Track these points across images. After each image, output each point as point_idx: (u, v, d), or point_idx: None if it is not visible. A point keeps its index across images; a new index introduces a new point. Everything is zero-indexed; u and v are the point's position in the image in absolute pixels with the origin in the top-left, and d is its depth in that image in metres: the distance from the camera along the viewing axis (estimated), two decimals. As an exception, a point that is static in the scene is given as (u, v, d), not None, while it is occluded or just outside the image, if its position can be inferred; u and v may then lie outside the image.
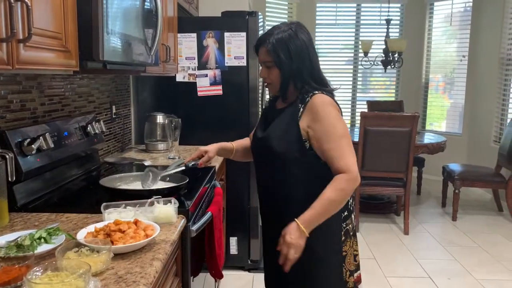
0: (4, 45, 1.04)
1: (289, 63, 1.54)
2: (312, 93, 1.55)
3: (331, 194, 1.47)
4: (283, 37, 1.54)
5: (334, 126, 1.51)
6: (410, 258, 3.53)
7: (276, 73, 1.56)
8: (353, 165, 1.49)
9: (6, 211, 1.42)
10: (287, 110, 1.60)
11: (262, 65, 1.60)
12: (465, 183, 4.40)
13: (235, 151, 1.86)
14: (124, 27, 1.64)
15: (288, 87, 1.59)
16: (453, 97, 6.08)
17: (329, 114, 1.52)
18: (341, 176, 1.48)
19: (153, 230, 1.29)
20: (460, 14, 5.89)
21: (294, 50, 1.54)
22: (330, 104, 1.54)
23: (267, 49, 1.54)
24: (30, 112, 1.81)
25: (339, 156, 1.49)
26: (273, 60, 1.54)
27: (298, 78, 1.56)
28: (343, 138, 1.51)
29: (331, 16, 6.28)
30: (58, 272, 1.00)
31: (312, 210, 1.47)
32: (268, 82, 1.62)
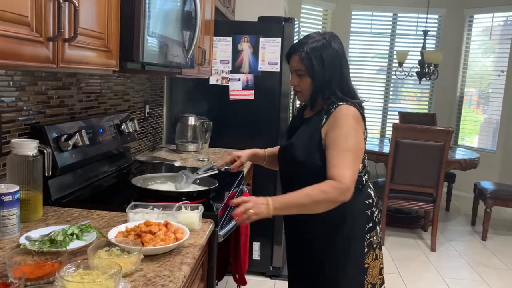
0: (50, 44, 1.06)
1: (321, 72, 1.53)
2: (337, 104, 1.54)
3: (311, 191, 1.43)
4: (317, 46, 1.54)
5: (346, 137, 1.48)
6: (436, 276, 3.44)
7: (307, 82, 1.56)
8: (347, 178, 1.43)
9: (41, 204, 1.45)
10: (312, 120, 1.61)
11: (294, 73, 1.59)
12: (498, 202, 4.26)
13: (267, 158, 1.86)
14: (164, 29, 1.66)
15: (318, 96, 1.59)
16: (487, 112, 5.91)
17: (347, 125, 1.50)
18: (331, 182, 1.44)
19: (182, 234, 1.29)
20: (500, 27, 5.73)
21: (327, 60, 1.54)
22: (353, 116, 1.51)
23: (300, 57, 1.54)
24: (68, 108, 1.84)
25: (336, 165, 1.45)
26: (306, 68, 1.54)
27: (327, 88, 1.56)
28: (350, 152, 1.47)
29: (367, 24, 6.21)
30: (90, 271, 1.01)
31: (287, 196, 1.46)
32: (298, 91, 1.62)
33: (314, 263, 1.64)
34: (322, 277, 1.58)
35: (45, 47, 1.04)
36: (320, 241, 1.62)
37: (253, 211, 1.39)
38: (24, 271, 0.98)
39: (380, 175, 4.98)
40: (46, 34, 1.03)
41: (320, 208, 1.45)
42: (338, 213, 1.52)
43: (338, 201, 1.44)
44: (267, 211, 1.41)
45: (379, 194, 3.96)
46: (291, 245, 1.76)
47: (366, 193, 1.64)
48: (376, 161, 4.25)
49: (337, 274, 1.59)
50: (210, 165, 2.20)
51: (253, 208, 1.39)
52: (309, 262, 1.66)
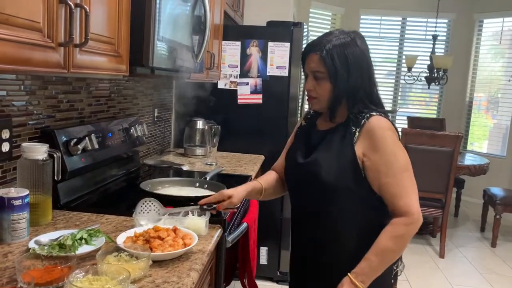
0: (61, 49, 1.06)
1: (346, 77, 1.30)
2: (369, 115, 1.33)
3: (388, 242, 1.26)
4: (341, 44, 1.30)
5: (395, 157, 1.29)
6: (445, 283, 3.40)
7: (326, 86, 1.32)
8: (415, 206, 1.27)
9: (50, 208, 1.46)
10: (336, 133, 1.37)
11: (310, 74, 1.35)
12: (507, 209, 4.21)
13: (264, 191, 1.54)
14: (173, 34, 1.66)
15: (339, 105, 1.35)
16: (496, 117, 5.86)
17: (390, 141, 1.30)
18: (400, 220, 1.27)
19: (191, 239, 1.29)
20: (510, 32, 5.69)
21: (353, 62, 1.30)
22: (390, 129, 1.32)
23: (321, 57, 1.30)
24: (78, 112, 1.85)
25: (400, 194, 1.27)
26: (327, 70, 1.30)
27: (352, 96, 1.33)
28: (406, 172, 1.29)
29: (375, 28, 6.19)
30: (98, 276, 1.01)
31: (366, 261, 1.27)
32: (314, 96, 1.36)
33: None
34: None
35: (56, 53, 1.04)
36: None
37: None
38: (34, 276, 0.98)
39: (388, 180, 4.94)
40: (58, 40, 1.04)
41: (402, 252, 1.35)
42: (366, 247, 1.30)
43: (413, 235, 1.30)
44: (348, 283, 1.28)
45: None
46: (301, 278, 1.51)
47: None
48: (384, 166, 4.22)
49: None
50: (218, 169, 2.20)
51: None
52: None
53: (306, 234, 1.46)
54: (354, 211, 1.34)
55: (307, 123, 1.53)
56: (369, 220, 1.34)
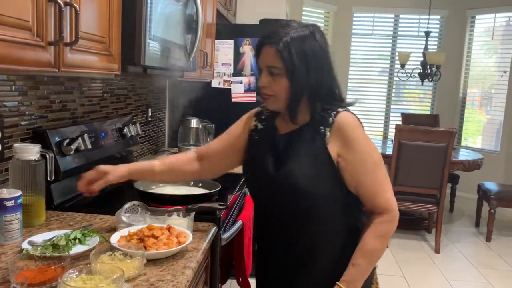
0: (52, 48, 1.06)
1: (304, 73, 1.20)
2: (336, 112, 1.25)
3: (374, 242, 1.24)
4: (299, 38, 1.19)
5: (370, 154, 1.25)
6: (440, 278, 3.42)
7: (283, 83, 1.21)
8: (393, 201, 1.26)
9: (43, 209, 1.45)
10: (303, 135, 1.27)
11: (265, 70, 1.23)
12: (502, 203, 4.24)
13: (161, 173, 1.43)
14: (165, 33, 1.66)
15: (299, 104, 1.24)
16: (490, 113, 5.89)
17: (362, 139, 1.25)
18: (382, 218, 1.24)
19: (185, 238, 1.29)
20: (502, 28, 5.71)
21: (312, 57, 1.20)
22: (359, 126, 1.27)
23: (277, 50, 1.18)
24: (70, 112, 1.84)
25: (378, 192, 1.25)
26: (284, 66, 1.19)
27: (313, 93, 1.23)
28: (379, 167, 1.26)
29: (368, 26, 6.20)
30: (92, 276, 1.01)
31: (355, 267, 1.24)
32: (269, 95, 1.24)
33: None
34: None
35: (46, 52, 1.04)
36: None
37: None
38: (27, 276, 0.98)
39: (383, 177, 4.96)
40: (47, 39, 1.03)
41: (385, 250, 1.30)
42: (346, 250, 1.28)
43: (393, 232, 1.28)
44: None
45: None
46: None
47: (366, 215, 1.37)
48: (379, 163, 4.23)
49: None
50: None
51: None
52: None
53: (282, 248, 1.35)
54: (335, 216, 1.29)
55: (265, 125, 1.38)
56: (348, 222, 1.31)
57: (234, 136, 1.44)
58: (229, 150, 1.44)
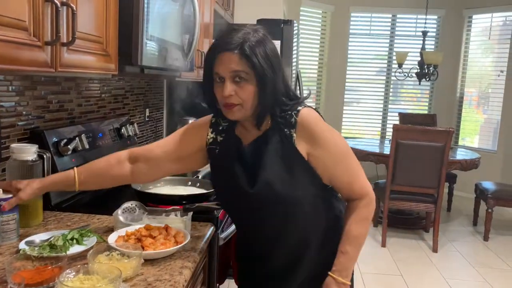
0: (48, 48, 1.06)
1: (272, 76, 1.16)
2: (296, 111, 1.22)
3: (358, 228, 1.28)
4: (260, 41, 1.16)
5: (336, 145, 1.25)
6: (438, 277, 3.43)
7: (250, 90, 1.15)
8: (368, 186, 1.29)
9: (41, 209, 1.45)
10: (269, 142, 1.23)
11: (228, 78, 1.15)
12: (499, 203, 4.25)
13: (82, 182, 1.33)
14: (162, 33, 1.66)
15: (268, 110, 1.21)
16: (487, 112, 5.91)
17: (327, 132, 1.24)
18: (360, 203, 1.28)
19: (183, 237, 1.29)
20: (499, 27, 5.73)
21: (274, 58, 1.17)
22: (319, 119, 1.25)
23: (242, 55, 1.13)
24: (67, 112, 1.84)
25: (353, 179, 1.27)
26: (252, 71, 1.14)
27: (278, 96, 1.21)
28: (348, 155, 1.27)
29: (366, 25, 6.21)
30: (90, 276, 1.01)
31: (344, 255, 1.27)
32: (236, 104, 1.17)
33: None
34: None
35: (43, 52, 1.04)
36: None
37: None
38: (24, 277, 0.98)
39: (381, 177, 4.97)
40: (44, 39, 1.03)
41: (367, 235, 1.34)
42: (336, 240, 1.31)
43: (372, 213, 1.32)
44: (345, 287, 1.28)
45: (380, 195, 3.98)
46: None
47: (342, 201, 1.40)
48: (376, 162, 4.25)
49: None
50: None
51: None
52: None
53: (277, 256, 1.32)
54: (316, 211, 1.29)
55: (225, 137, 1.33)
56: (329, 214, 1.33)
57: (182, 143, 1.37)
58: (173, 156, 1.36)
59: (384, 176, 4.37)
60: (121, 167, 1.37)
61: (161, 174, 1.42)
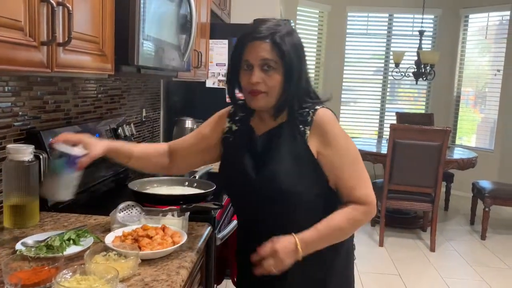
0: (44, 48, 1.05)
1: (300, 67, 1.21)
2: (313, 109, 1.25)
3: (343, 222, 1.24)
4: (289, 33, 1.20)
5: (347, 149, 1.26)
6: (436, 276, 3.43)
7: (277, 79, 1.19)
8: (372, 195, 1.27)
9: (37, 210, 1.44)
10: (282, 135, 1.26)
11: (257, 66, 1.19)
12: (496, 201, 4.26)
13: (135, 159, 1.39)
14: (159, 33, 1.66)
15: (292, 100, 1.23)
16: (484, 111, 5.92)
17: (341, 136, 1.26)
18: (360, 207, 1.25)
19: (180, 237, 1.28)
20: (496, 27, 5.75)
21: (301, 50, 1.22)
22: (337, 122, 1.27)
23: (274, 45, 1.17)
24: (64, 113, 1.83)
25: (357, 186, 1.26)
26: (281, 60, 1.18)
27: (302, 89, 1.24)
28: (357, 161, 1.27)
29: (363, 25, 6.22)
30: (87, 276, 1.00)
31: (316, 232, 1.22)
32: (262, 91, 1.20)
33: None
34: None
35: (39, 52, 1.03)
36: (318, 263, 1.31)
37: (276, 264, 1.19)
38: (21, 277, 0.98)
39: (378, 176, 4.97)
40: (40, 39, 1.03)
41: (350, 235, 1.31)
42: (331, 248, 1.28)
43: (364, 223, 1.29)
44: (294, 258, 1.20)
45: (377, 195, 3.97)
46: None
47: None
48: (374, 162, 4.25)
49: None
50: (208, 168, 2.20)
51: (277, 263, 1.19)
52: None
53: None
54: (318, 212, 1.26)
55: (240, 127, 1.36)
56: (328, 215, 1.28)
57: (203, 135, 1.43)
58: (198, 149, 1.43)
59: (381, 175, 4.38)
60: (162, 158, 1.45)
61: (189, 167, 1.54)
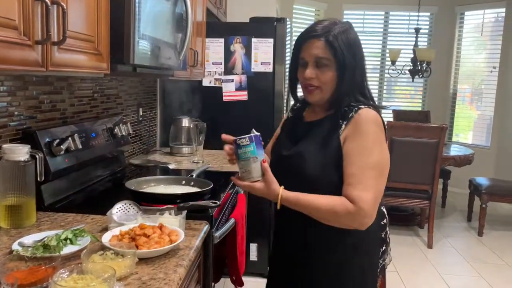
0: (39, 47, 1.05)
1: (353, 65, 1.26)
2: (357, 108, 1.28)
3: (323, 207, 1.23)
4: (344, 31, 1.26)
5: (370, 151, 1.23)
6: (433, 272, 3.44)
7: (330, 76, 1.27)
8: (368, 202, 1.20)
9: (34, 210, 1.44)
10: (324, 125, 1.33)
11: (311, 62, 1.28)
12: (493, 198, 4.28)
13: None
14: (154, 31, 1.65)
15: (343, 97, 1.29)
16: (480, 108, 5.94)
17: (371, 134, 1.25)
18: (347, 203, 1.21)
19: (177, 236, 1.28)
20: (491, 24, 5.76)
21: (357, 48, 1.28)
22: (376, 124, 1.27)
23: (327, 42, 1.24)
24: (60, 112, 1.83)
25: (355, 185, 1.21)
26: (334, 57, 1.25)
27: (355, 86, 1.29)
28: (374, 170, 1.23)
29: (359, 23, 6.22)
30: (84, 275, 1.00)
31: (296, 198, 1.25)
32: (316, 86, 1.29)
33: None
34: None
35: (34, 51, 1.03)
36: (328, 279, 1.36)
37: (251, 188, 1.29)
38: (17, 277, 0.97)
39: (376, 174, 4.99)
40: (34, 38, 1.02)
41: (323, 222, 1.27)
42: (349, 242, 1.32)
43: (351, 227, 1.25)
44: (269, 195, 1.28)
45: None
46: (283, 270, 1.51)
47: (381, 212, 1.40)
48: (371, 160, 4.25)
49: None
50: (205, 167, 2.20)
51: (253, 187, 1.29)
52: None
53: (289, 227, 1.41)
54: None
55: (294, 115, 1.51)
56: None
57: (276, 135, 1.58)
58: None
59: (378, 173, 4.38)
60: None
61: None
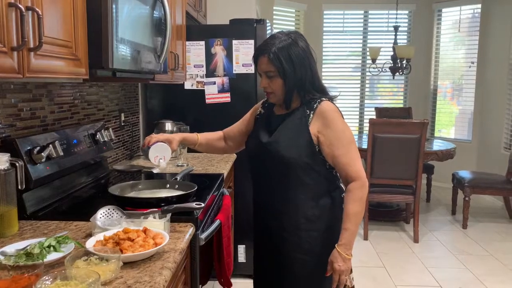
0: (15, 53, 1.04)
1: (292, 72, 1.55)
2: (320, 100, 1.60)
3: (354, 207, 1.55)
4: (284, 46, 1.54)
5: (344, 132, 1.57)
6: (420, 266, 3.49)
7: (278, 82, 1.57)
8: (362, 171, 1.57)
9: (15, 219, 1.42)
10: (293, 116, 1.62)
11: (263, 74, 1.60)
12: (476, 191, 4.35)
13: (199, 144, 1.90)
14: (133, 35, 1.65)
15: (292, 96, 1.61)
16: (461, 103, 6.04)
17: (338, 121, 1.58)
18: (354, 185, 1.56)
19: (162, 239, 1.28)
20: (468, 20, 5.86)
21: (296, 59, 1.55)
22: (337, 111, 1.61)
23: (269, 59, 1.54)
24: (40, 120, 1.81)
25: (349, 163, 1.56)
26: (276, 69, 1.55)
27: (301, 87, 1.59)
28: (352, 144, 1.59)
29: (339, 23, 6.28)
30: (68, 281, 1.00)
31: (347, 232, 1.55)
32: (270, 92, 1.62)
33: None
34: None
35: (10, 57, 1.02)
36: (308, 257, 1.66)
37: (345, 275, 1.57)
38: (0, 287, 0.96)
39: (361, 171, 5.03)
40: (10, 44, 1.02)
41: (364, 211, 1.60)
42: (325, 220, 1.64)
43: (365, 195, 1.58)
44: (349, 261, 1.57)
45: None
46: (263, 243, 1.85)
47: (341, 188, 1.70)
48: (355, 157, 4.29)
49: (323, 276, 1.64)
50: (189, 169, 2.20)
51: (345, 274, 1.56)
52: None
53: (269, 209, 1.71)
54: (309, 181, 1.60)
55: (266, 110, 1.78)
56: (321, 189, 1.63)
57: (246, 121, 1.86)
58: (244, 131, 1.85)
59: (363, 170, 4.42)
60: (221, 143, 1.93)
61: (239, 146, 1.91)
